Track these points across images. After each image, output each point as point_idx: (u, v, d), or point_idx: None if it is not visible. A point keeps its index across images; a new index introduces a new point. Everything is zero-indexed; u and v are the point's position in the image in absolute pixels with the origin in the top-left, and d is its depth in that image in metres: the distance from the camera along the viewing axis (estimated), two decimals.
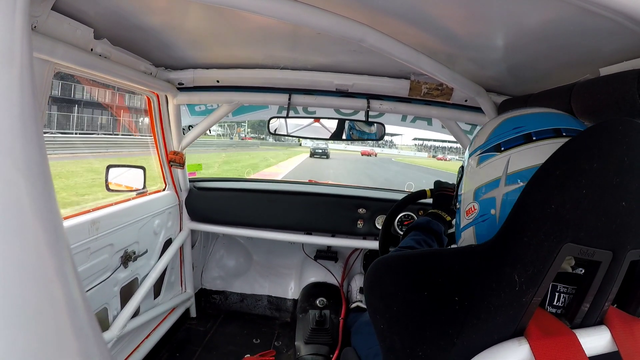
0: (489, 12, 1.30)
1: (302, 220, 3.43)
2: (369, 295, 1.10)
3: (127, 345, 2.74)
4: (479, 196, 1.11)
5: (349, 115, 3.12)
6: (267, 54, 2.25)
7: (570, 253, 0.80)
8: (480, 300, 0.84)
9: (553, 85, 1.72)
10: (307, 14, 1.36)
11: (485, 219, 1.09)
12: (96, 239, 2.23)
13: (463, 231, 1.19)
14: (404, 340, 0.94)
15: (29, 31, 0.80)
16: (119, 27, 1.78)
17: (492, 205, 1.07)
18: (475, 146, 1.16)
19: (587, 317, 0.88)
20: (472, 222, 1.14)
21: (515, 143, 1.04)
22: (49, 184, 0.64)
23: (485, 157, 1.10)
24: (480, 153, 1.13)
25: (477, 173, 1.13)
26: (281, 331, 3.74)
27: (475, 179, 1.13)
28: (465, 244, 1.18)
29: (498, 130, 1.11)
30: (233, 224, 3.51)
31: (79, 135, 32.42)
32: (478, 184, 1.11)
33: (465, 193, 1.18)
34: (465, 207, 1.17)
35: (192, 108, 3.27)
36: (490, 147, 1.10)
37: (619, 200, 0.79)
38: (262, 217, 3.46)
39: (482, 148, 1.13)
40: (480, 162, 1.12)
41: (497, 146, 1.08)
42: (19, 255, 0.53)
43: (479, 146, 1.14)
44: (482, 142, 1.14)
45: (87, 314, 0.61)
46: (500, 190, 1.04)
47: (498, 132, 1.10)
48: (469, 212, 1.14)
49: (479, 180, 1.11)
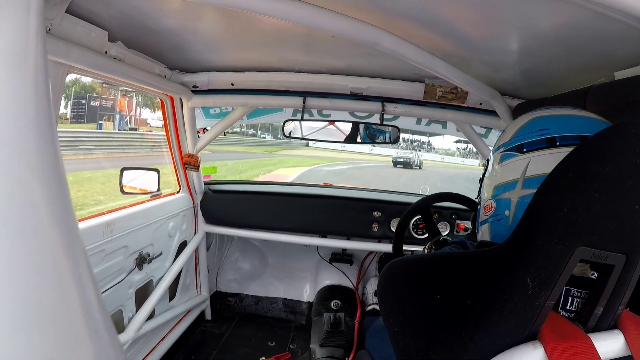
0: (504, 16, 1.29)
1: (317, 223, 3.42)
2: (383, 298, 1.10)
3: (143, 347, 2.75)
4: (496, 195, 1.10)
5: (363, 118, 3.10)
6: (281, 57, 2.25)
7: (583, 256, 0.79)
8: (493, 303, 0.83)
9: (568, 88, 1.71)
10: (322, 17, 1.35)
11: (499, 218, 1.08)
12: (110, 241, 2.23)
13: (481, 225, 1.19)
14: (417, 344, 0.94)
15: (44, 34, 0.80)
16: (133, 30, 1.78)
17: (507, 206, 1.05)
18: (501, 142, 1.14)
19: (600, 320, 0.87)
20: (488, 219, 1.13)
21: (537, 146, 1.02)
22: (64, 186, 0.63)
23: (507, 156, 1.09)
24: (503, 150, 1.11)
25: (497, 171, 1.11)
26: (296, 334, 3.74)
27: (495, 177, 1.12)
28: (482, 238, 1.18)
29: (524, 130, 1.08)
30: (248, 227, 3.51)
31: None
32: (497, 182, 1.10)
33: (485, 188, 1.17)
34: (484, 202, 1.16)
35: (206, 111, 3.27)
36: (513, 146, 1.08)
37: (631, 203, 0.78)
38: (277, 220, 3.46)
39: (506, 146, 1.11)
40: (502, 160, 1.10)
41: (519, 146, 1.06)
42: (35, 258, 0.53)
43: (504, 143, 1.12)
44: (507, 139, 1.12)
45: (103, 315, 0.61)
46: (516, 193, 1.03)
47: (523, 132, 1.08)
48: (487, 209, 1.13)
49: (498, 179, 1.10)
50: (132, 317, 2.55)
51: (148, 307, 2.63)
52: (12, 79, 0.66)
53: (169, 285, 2.93)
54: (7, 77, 0.66)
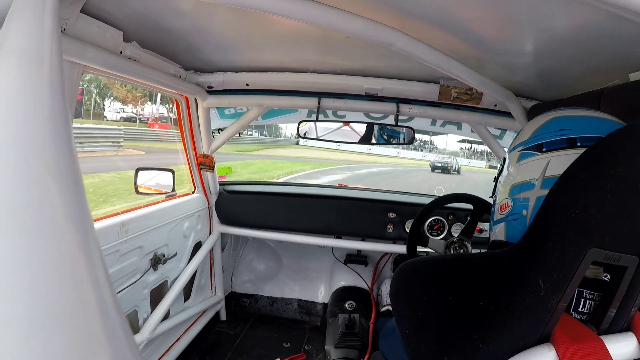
0: (519, 17, 1.28)
1: (332, 224, 3.41)
2: (395, 299, 1.11)
3: (158, 348, 2.76)
4: (513, 194, 1.08)
5: (378, 120, 3.09)
6: (296, 58, 2.24)
7: (596, 258, 0.79)
8: (505, 305, 0.84)
9: (582, 90, 1.71)
10: (337, 18, 1.34)
11: (516, 218, 1.08)
12: (125, 242, 2.24)
13: (495, 225, 1.18)
14: (429, 345, 0.95)
15: (59, 34, 0.80)
16: (148, 30, 1.78)
17: (525, 206, 1.04)
18: (519, 141, 1.13)
19: (613, 322, 0.88)
20: (504, 218, 1.12)
21: (557, 146, 1.00)
22: (80, 186, 0.63)
23: (526, 155, 1.07)
24: (522, 149, 1.09)
25: (515, 169, 1.10)
26: (311, 335, 3.73)
27: (513, 176, 1.11)
28: (496, 238, 1.17)
29: (543, 129, 1.07)
30: (263, 228, 3.51)
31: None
32: (515, 181, 1.09)
33: (502, 187, 1.16)
34: (500, 201, 1.15)
35: (221, 111, 3.28)
36: (533, 145, 1.06)
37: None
38: (292, 221, 3.45)
39: (525, 144, 1.09)
40: (521, 159, 1.09)
41: (539, 145, 1.04)
42: (53, 257, 0.53)
43: (522, 142, 1.11)
44: (525, 137, 1.10)
45: (119, 316, 0.61)
46: (534, 193, 1.02)
47: (543, 131, 1.06)
48: (503, 208, 1.12)
49: (516, 178, 1.08)
50: (147, 317, 2.56)
51: (163, 308, 2.64)
52: (28, 78, 0.66)
53: (183, 285, 2.93)
54: (24, 77, 0.66)
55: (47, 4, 0.79)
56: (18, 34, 0.72)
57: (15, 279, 0.49)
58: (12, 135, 0.59)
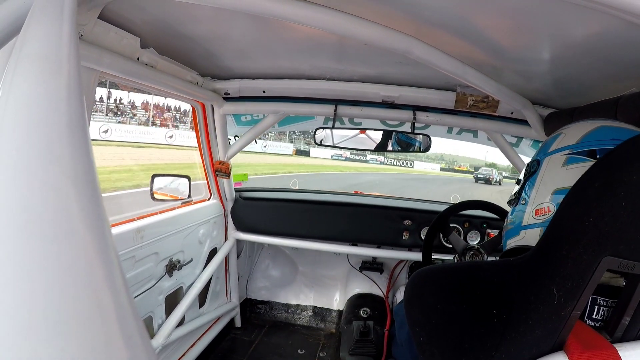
0: (536, 25, 1.26)
1: (348, 231, 3.40)
2: (409, 307, 1.09)
3: (172, 354, 2.76)
4: (558, 198, 1.04)
5: (394, 127, 3.08)
6: (313, 65, 2.24)
7: (610, 266, 0.78)
8: (519, 313, 0.83)
9: (599, 98, 1.69)
10: (353, 25, 1.34)
11: None
12: (141, 247, 2.26)
13: (525, 229, 1.14)
14: (443, 353, 0.94)
15: (77, 40, 0.81)
16: (165, 36, 1.80)
17: None
18: (565, 143, 1.09)
19: (627, 330, 0.87)
20: (541, 223, 1.08)
21: None
22: (97, 191, 0.63)
23: (576, 160, 1.03)
24: (569, 153, 1.06)
25: (562, 173, 1.06)
26: (326, 342, 3.73)
27: (557, 179, 1.07)
28: (525, 243, 1.13)
29: (595, 135, 1.04)
30: (278, 235, 3.52)
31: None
32: (560, 185, 1.05)
33: (539, 190, 1.11)
34: (535, 205, 1.11)
35: (238, 118, 3.28)
36: (584, 150, 1.03)
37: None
38: (308, 228, 3.45)
39: (573, 149, 1.06)
40: (569, 162, 1.05)
41: (592, 152, 1.01)
42: (70, 263, 0.53)
43: (570, 145, 1.07)
44: (573, 142, 1.07)
45: (136, 321, 0.60)
46: None
47: (595, 137, 1.04)
48: (540, 212, 1.08)
49: (563, 182, 1.04)
50: (162, 323, 2.57)
51: (178, 314, 2.65)
52: (46, 83, 0.67)
53: (199, 292, 2.95)
54: (41, 82, 0.67)
55: (65, 9, 0.79)
56: (36, 39, 0.72)
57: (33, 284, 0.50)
58: (30, 140, 0.59)
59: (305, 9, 1.27)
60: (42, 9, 0.77)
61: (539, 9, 1.14)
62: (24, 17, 0.76)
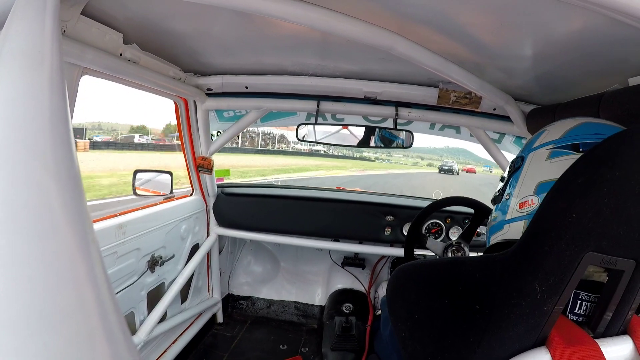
0: (518, 22, 1.28)
1: (330, 227, 3.41)
2: (392, 302, 1.11)
3: (154, 350, 2.76)
4: (542, 191, 1.06)
5: (377, 123, 3.09)
6: (296, 61, 2.24)
7: (593, 262, 0.80)
8: (501, 308, 0.84)
9: (581, 94, 1.71)
10: (337, 22, 1.35)
11: None
12: (123, 243, 2.25)
13: (509, 223, 1.15)
14: (425, 348, 0.95)
15: (59, 35, 0.81)
16: (148, 33, 1.79)
17: None
18: (549, 139, 1.12)
19: (610, 326, 0.88)
20: (525, 216, 1.10)
21: None
22: (79, 186, 0.64)
23: (560, 153, 1.06)
24: (553, 147, 1.08)
25: (545, 167, 1.08)
26: (308, 337, 3.73)
27: (541, 172, 1.09)
28: (509, 237, 1.15)
29: (578, 130, 1.07)
30: (260, 230, 3.52)
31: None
32: (544, 178, 1.07)
33: (523, 184, 1.13)
34: (519, 198, 1.13)
35: (220, 114, 3.26)
36: (567, 144, 1.05)
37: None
38: (290, 224, 3.45)
39: (556, 143, 1.08)
40: (552, 156, 1.07)
41: (575, 145, 1.04)
42: (51, 258, 0.53)
43: (554, 140, 1.10)
44: (557, 137, 1.09)
45: (118, 317, 0.61)
46: None
47: (578, 132, 1.06)
48: (524, 205, 1.10)
49: (547, 175, 1.07)
50: (143, 319, 2.56)
51: (160, 310, 2.64)
52: (28, 79, 0.67)
53: (180, 288, 2.94)
54: (24, 78, 0.67)
55: (48, 6, 0.79)
56: (19, 35, 0.72)
57: (14, 279, 0.50)
58: (12, 136, 0.59)
59: (288, 6, 1.27)
60: (24, 5, 0.76)
61: (522, 6, 1.15)
62: (6, 14, 0.76)
